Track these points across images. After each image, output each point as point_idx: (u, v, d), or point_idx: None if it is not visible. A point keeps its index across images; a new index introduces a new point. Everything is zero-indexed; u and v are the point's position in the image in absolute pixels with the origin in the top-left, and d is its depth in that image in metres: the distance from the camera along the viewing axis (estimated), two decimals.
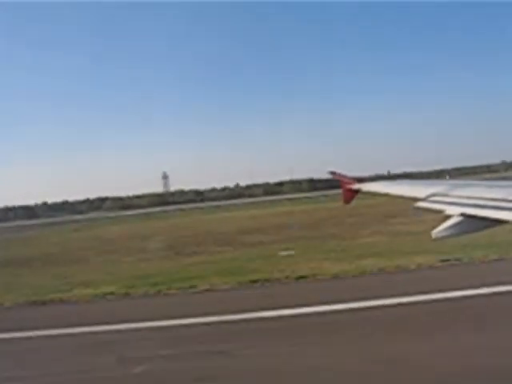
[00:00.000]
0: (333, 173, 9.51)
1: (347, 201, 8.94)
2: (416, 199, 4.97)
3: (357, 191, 8.43)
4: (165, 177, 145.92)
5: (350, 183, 8.81)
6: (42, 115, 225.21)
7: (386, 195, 6.47)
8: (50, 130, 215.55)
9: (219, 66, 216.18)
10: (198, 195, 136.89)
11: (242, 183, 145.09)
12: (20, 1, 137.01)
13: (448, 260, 15.24)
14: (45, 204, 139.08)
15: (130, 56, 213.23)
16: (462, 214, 4.14)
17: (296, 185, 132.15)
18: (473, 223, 4.05)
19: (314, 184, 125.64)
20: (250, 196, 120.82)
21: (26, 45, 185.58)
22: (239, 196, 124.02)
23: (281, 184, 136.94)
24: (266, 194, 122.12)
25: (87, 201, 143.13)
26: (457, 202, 4.43)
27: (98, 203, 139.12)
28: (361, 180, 9.46)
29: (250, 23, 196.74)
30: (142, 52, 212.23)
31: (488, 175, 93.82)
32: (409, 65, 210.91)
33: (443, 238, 4.20)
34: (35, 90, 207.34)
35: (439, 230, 4.21)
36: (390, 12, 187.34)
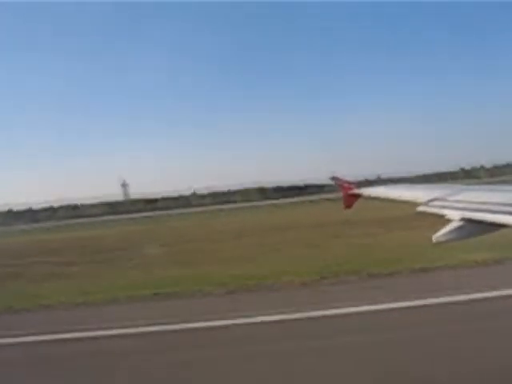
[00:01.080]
0: (334, 178, 9.54)
1: (348, 206, 8.97)
2: (417, 204, 5.00)
3: (358, 196, 8.47)
4: (124, 185, 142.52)
5: (351, 188, 8.85)
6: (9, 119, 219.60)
7: (387, 200, 6.52)
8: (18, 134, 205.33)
9: (203, 63, 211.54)
10: (149, 204, 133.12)
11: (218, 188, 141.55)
12: (18, 1, 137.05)
13: None
14: (9, 211, 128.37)
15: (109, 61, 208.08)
16: (463, 219, 4.16)
17: (248, 193, 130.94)
18: (473, 227, 4.07)
19: (264, 193, 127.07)
20: (193, 206, 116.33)
21: None
22: (187, 205, 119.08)
23: (238, 192, 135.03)
24: (215, 203, 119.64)
25: (50, 209, 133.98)
26: (458, 206, 4.45)
27: (61, 211, 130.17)
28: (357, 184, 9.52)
29: (247, 23, 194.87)
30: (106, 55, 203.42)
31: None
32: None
33: (444, 242, 4.21)
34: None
35: (440, 235, 4.22)
36: (391, 12, 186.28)
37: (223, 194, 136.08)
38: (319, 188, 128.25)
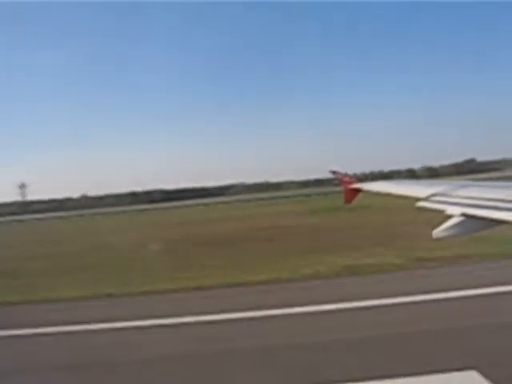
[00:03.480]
0: (334, 172, 9.53)
1: (348, 200, 8.96)
2: (417, 199, 5.03)
3: (358, 190, 8.47)
4: (22, 186, 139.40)
5: (351, 182, 8.84)
6: None
7: (388, 195, 6.53)
8: None
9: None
10: (23, 207, 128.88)
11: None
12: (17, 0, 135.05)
13: None
14: None
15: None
16: (463, 214, 4.19)
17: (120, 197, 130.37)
18: (473, 223, 4.10)
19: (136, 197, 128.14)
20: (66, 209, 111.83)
21: None
22: (55, 209, 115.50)
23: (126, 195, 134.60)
24: (84, 207, 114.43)
25: None
26: (458, 202, 4.48)
27: None
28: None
29: (241, 20, 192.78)
30: None
31: None
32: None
33: (444, 237, 4.24)
34: None
35: (440, 230, 4.25)
36: (386, 11, 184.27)
37: (107, 197, 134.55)
38: (221, 190, 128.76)
